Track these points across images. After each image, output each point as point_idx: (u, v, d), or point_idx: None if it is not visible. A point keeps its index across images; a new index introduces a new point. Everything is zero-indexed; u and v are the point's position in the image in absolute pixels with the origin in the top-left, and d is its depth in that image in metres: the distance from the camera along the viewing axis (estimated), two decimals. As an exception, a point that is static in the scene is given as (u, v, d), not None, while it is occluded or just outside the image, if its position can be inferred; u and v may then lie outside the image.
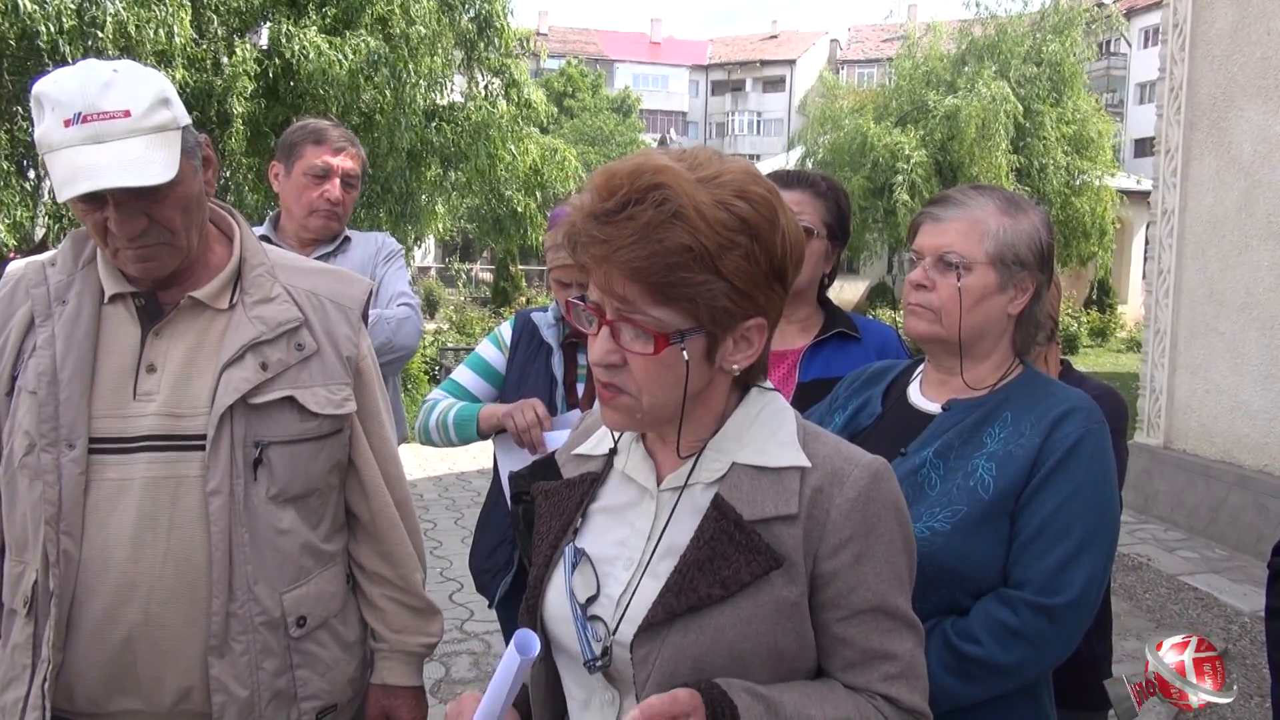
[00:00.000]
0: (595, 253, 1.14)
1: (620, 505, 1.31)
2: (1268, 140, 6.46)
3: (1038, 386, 1.72)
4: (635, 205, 1.11)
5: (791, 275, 1.22)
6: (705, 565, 1.18)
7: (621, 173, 1.14)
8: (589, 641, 1.22)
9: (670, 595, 1.18)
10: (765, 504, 1.20)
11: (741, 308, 1.17)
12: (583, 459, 1.39)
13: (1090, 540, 1.57)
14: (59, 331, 1.57)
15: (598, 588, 1.25)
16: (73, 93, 1.47)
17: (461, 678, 4.40)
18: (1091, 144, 22.46)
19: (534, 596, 1.31)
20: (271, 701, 1.62)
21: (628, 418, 1.22)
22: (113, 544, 1.53)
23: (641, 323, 1.15)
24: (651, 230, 1.11)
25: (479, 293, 30.33)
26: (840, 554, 1.19)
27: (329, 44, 10.95)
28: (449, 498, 7.75)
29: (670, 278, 1.12)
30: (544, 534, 1.35)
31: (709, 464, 1.25)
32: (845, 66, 53.74)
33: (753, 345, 1.22)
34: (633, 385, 1.19)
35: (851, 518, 1.19)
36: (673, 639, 1.17)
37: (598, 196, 1.14)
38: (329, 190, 2.87)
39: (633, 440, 1.33)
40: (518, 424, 2.32)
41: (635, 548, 1.26)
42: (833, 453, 1.24)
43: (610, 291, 1.16)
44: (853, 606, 1.20)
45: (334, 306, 1.73)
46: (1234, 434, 6.70)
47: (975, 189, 1.77)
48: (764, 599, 1.17)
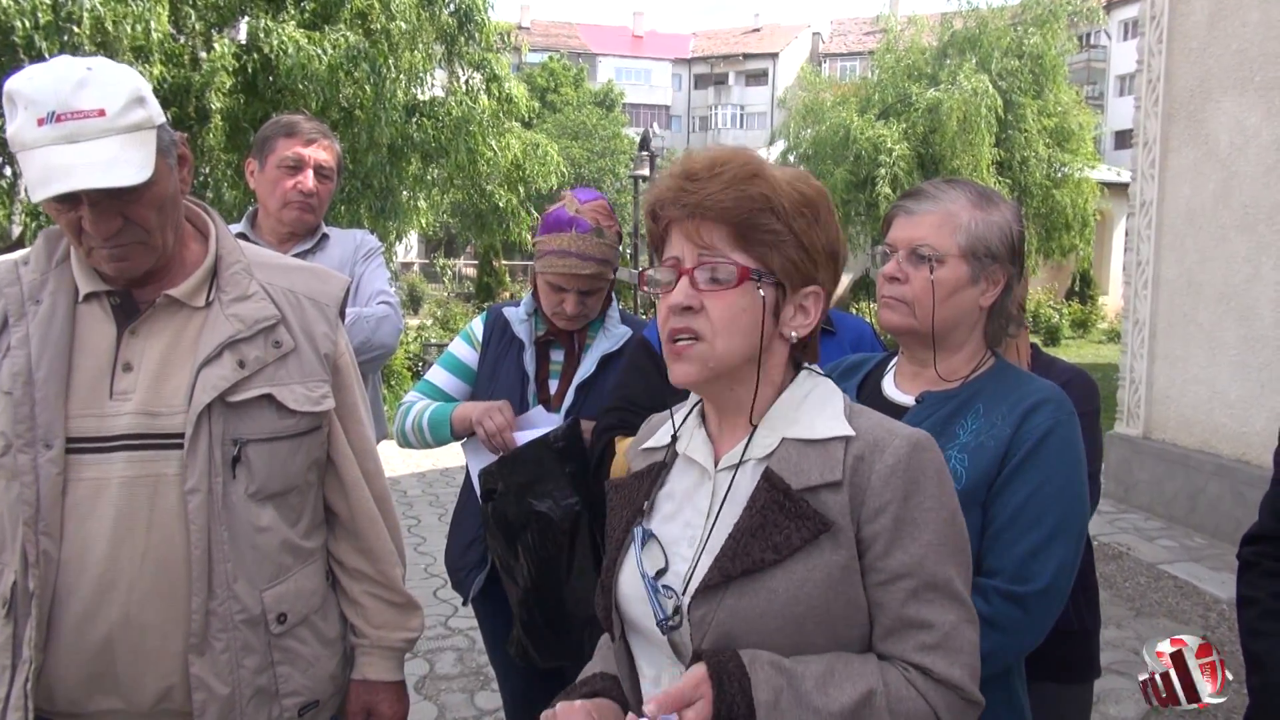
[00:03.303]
0: (688, 202, 1.28)
1: (684, 490, 1.38)
2: (1244, 132, 6.52)
3: (1009, 378, 1.74)
4: (722, 165, 1.28)
5: (842, 260, 1.36)
6: (758, 531, 1.24)
7: (703, 150, 1.33)
8: (660, 603, 1.28)
9: (725, 559, 1.24)
10: (811, 473, 1.26)
11: (806, 269, 1.31)
12: (649, 452, 1.47)
13: (1061, 529, 1.59)
14: (33, 331, 1.56)
15: (666, 563, 1.32)
16: (46, 91, 1.45)
17: (446, 673, 4.41)
18: (1072, 136, 22.56)
19: (609, 578, 1.39)
20: (253, 699, 1.62)
21: (700, 366, 1.29)
22: (92, 544, 1.53)
23: (725, 262, 1.27)
24: (738, 181, 1.27)
25: (462, 288, 30.24)
26: (879, 518, 1.24)
27: (308, 39, 10.87)
28: (433, 493, 7.75)
29: (754, 221, 1.27)
30: (615, 524, 1.43)
31: (761, 440, 1.32)
32: (828, 60, 53.81)
33: (809, 315, 1.33)
34: (708, 329, 1.28)
35: (891, 483, 1.24)
36: (728, 602, 1.23)
37: (686, 165, 1.31)
38: (301, 181, 2.86)
39: (695, 426, 1.41)
40: (486, 430, 2.34)
41: (698, 526, 1.33)
42: (876, 425, 1.31)
43: (695, 240, 1.28)
44: (890, 571, 1.24)
45: (311, 304, 1.73)
46: (1212, 423, 6.77)
47: (948, 182, 1.79)
48: (815, 563, 1.23)
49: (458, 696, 4.20)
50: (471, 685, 4.30)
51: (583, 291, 2.38)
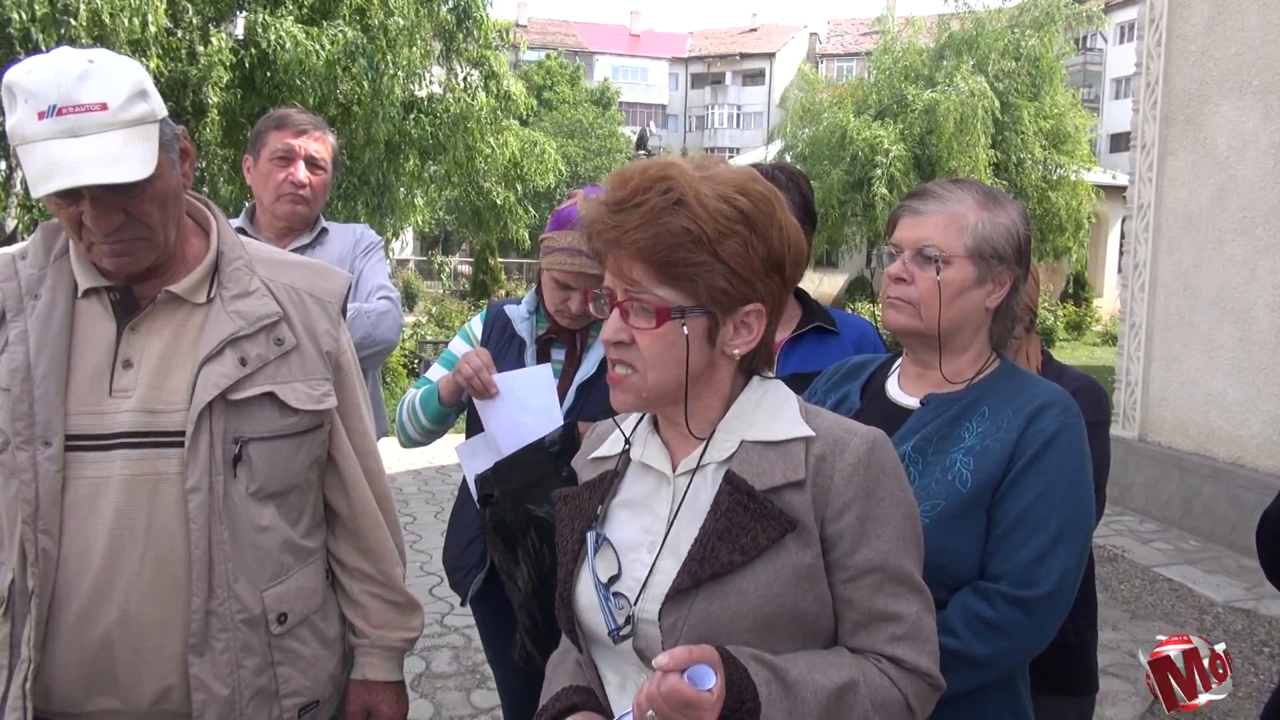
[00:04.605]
0: (608, 238, 1.26)
1: (640, 495, 1.38)
2: (1241, 136, 6.53)
3: (1014, 380, 1.73)
4: (643, 194, 1.24)
5: (790, 268, 1.32)
6: (724, 534, 1.26)
7: (634, 170, 1.28)
8: (612, 612, 1.29)
9: (694, 563, 1.25)
10: (774, 473, 1.28)
11: (740, 291, 1.27)
12: (599, 461, 1.46)
13: (1066, 533, 1.58)
14: (32, 327, 1.54)
15: (619, 568, 1.33)
16: (47, 84, 1.43)
17: (442, 671, 4.39)
18: (1068, 139, 22.60)
19: (566, 591, 1.38)
20: (253, 699, 1.61)
21: (635, 396, 1.31)
22: (91, 542, 1.51)
23: (647, 300, 1.26)
24: (656, 215, 1.23)
25: (458, 285, 30.20)
26: (844, 516, 1.27)
27: (306, 34, 10.84)
28: (428, 491, 7.72)
29: (672, 257, 1.24)
30: (567, 535, 1.42)
31: (719, 444, 1.33)
32: (824, 60, 53.81)
33: (752, 331, 1.31)
34: (639, 362, 1.29)
35: (853, 481, 1.27)
36: (699, 606, 1.24)
37: (612, 189, 1.28)
38: (293, 172, 2.84)
39: (648, 433, 1.41)
40: (464, 372, 2.32)
41: (657, 532, 1.33)
42: (833, 425, 1.33)
43: (620, 274, 1.28)
44: (857, 567, 1.27)
45: (313, 300, 1.71)
46: (1208, 426, 6.78)
47: (954, 182, 1.78)
48: (782, 563, 1.24)
49: (454, 694, 4.19)
50: (468, 683, 4.29)
51: (590, 290, 2.36)
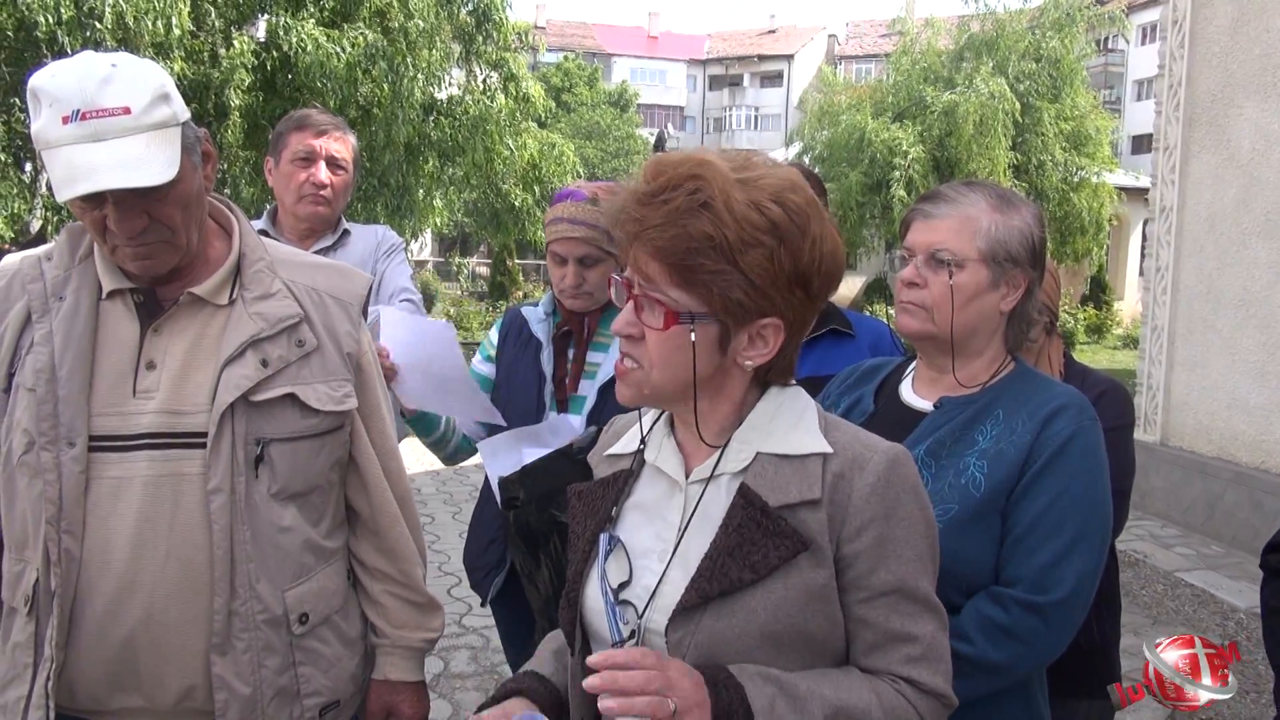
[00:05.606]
0: (629, 230, 1.23)
1: (652, 500, 1.35)
2: (1266, 138, 6.47)
3: (1029, 383, 1.72)
4: (671, 191, 1.20)
5: (819, 285, 1.27)
6: (735, 551, 1.22)
7: (669, 162, 1.24)
8: (617, 624, 1.26)
9: (703, 580, 1.22)
10: (790, 490, 1.24)
11: (757, 304, 1.23)
12: (615, 459, 1.44)
13: (1081, 537, 1.57)
14: (57, 328, 1.56)
15: (630, 574, 1.30)
16: (70, 88, 1.44)
17: (460, 671, 4.41)
18: (1089, 140, 22.40)
19: (573, 590, 1.36)
20: (274, 699, 1.62)
21: (636, 391, 1.29)
22: (114, 543, 1.53)
23: (658, 299, 1.22)
24: (680, 215, 1.19)
25: (476, 287, 30.27)
26: (861, 537, 1.23)
27: (327, 37, 10.93)
28: (446, 492, 7.75)
29: (689, 261, 1.20)
30: (579, 532, 1.40)
31: (734, 454, 1.29)
32: (843, 62, 53.61)
33: (768, 344, 1.27)
34: (645, 359, 1.26)
35: (872, 501, 1.23)
36: (706, 623, 1.22)
37: (643, 179, 1.24)
38: (314, 173, 2.84)
39: (664, 435, 1.38)
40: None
41: (668, 540, 1.30)
42: (852, 440, 1.29)
43: (637, 268, 1.24)
44: (874, 588, 1.24)
45: (334, 302, 1.73)
46: (1231, 431, 6.72)
47: (967, 185, 1.76)
48: (793, 582, 1.21)
49: (472, 695, 4.20)
50: (486, 684, 4.30)
51: (580, 261, 2.36)
